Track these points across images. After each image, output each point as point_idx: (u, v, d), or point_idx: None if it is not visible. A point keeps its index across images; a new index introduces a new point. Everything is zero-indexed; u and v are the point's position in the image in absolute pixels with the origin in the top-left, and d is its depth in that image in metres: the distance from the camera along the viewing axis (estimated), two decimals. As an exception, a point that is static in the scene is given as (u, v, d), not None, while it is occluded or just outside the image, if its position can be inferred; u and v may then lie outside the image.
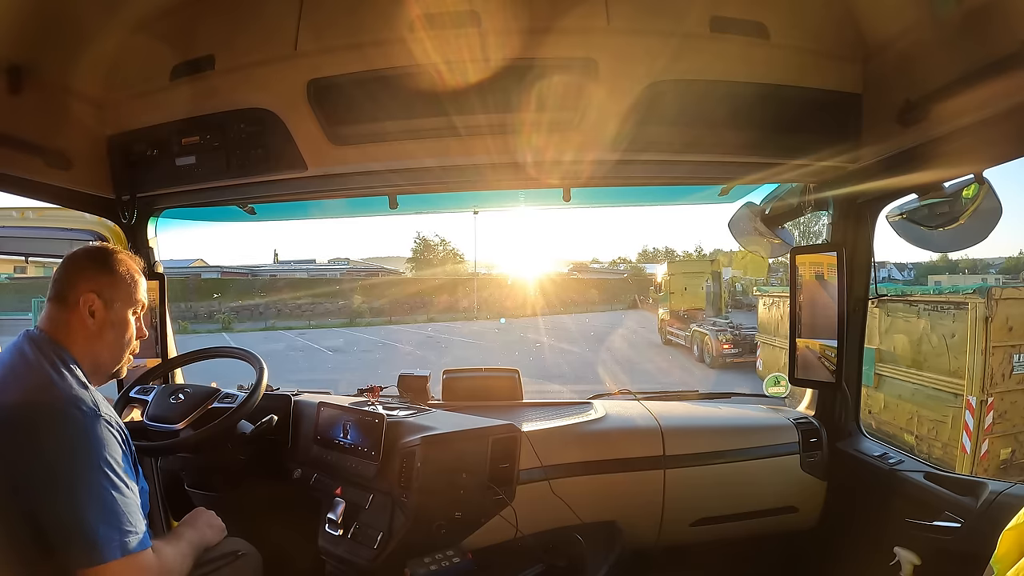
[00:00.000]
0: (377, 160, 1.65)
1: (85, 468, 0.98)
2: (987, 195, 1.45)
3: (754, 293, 12.60)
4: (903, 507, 1.63)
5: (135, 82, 1.62)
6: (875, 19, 1.42)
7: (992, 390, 5.39)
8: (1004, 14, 1.11)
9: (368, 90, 1.54)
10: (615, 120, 1.53)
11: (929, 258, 33.06)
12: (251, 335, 19.15)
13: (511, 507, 1.65)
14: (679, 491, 1.88)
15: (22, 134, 1.43)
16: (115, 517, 0.98)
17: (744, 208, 2.11)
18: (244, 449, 1.66)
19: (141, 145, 1.70)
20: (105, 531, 0.96)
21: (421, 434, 1.59)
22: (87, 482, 0.97)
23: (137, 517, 1.02)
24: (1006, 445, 5.55)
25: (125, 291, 1.18)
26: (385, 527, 1.55)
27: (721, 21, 1.46)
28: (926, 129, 1.38)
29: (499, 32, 1.44)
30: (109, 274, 1.16)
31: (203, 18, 1.53)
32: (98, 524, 0.96)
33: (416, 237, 36.64)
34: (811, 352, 1.88)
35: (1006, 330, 5.41)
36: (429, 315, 25.22)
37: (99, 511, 0.97)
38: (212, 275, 27.14)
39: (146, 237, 2.07)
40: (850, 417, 2.01)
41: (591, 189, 2.07)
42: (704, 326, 13.33)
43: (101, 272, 1.16)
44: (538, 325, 20.43)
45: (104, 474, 0.99)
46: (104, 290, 1.14)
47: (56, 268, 1.16)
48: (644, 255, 46.92)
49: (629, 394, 2.24)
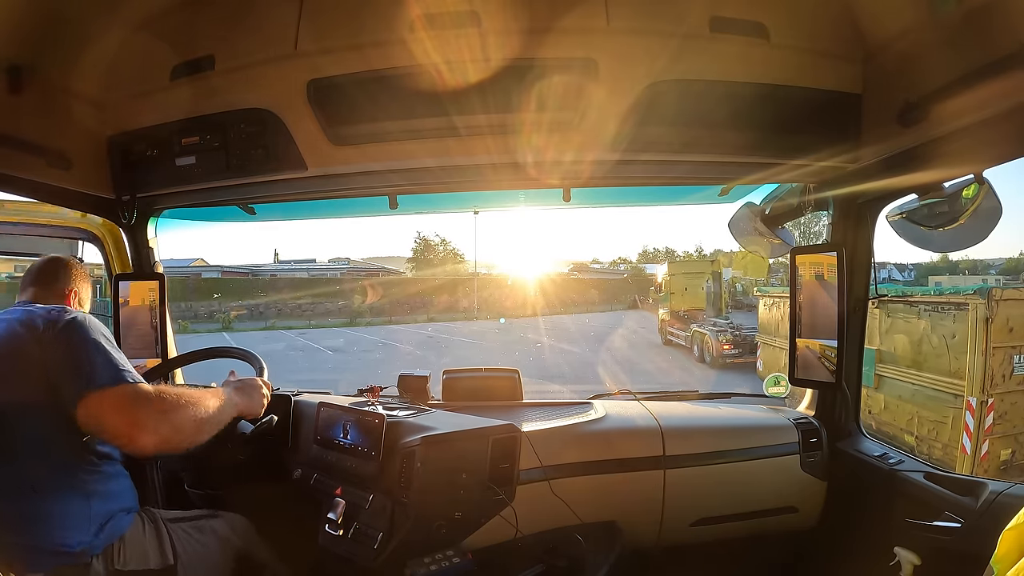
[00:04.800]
0: (377, 160, 1.65)
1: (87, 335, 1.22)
2: (987, 195, 1.45)
3: (754, 293, 12.60)
4: (903, 507, 1.63)
5: (135, 82, 1.62)
6: (875, 19, 1.42)
7: (992, 391, 5.39)
8: (1004, 14, 1.11)
9: (368, 90, 1.54)
10: (615, 120, 1.53)
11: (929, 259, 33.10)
12: (251, 335, 19.15)
13: (511, 507, 1.65)
14: (679, 491, 1.88)
15: (22, 134, 1.43)
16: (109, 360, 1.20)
17: (744, 208, 2.12)
18: (244, 449, 1.66)
19: (141, 145, 1.70)
20: (101, 367, 1.18)
21: (421, 434, 1.59)
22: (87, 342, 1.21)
23: (128, 364, 1.24)
24: (1006, 446, 5.54)
25: (88, 296, 1.58)
26: (385, 527, 1.55)
27: (721, 21, 1.46)
28: (926, 129, 1.38)
29: (499, 32, 1.44)
30: (85, 281, 1.56)
31: (203, 18, 1.54)
32: (95, 363, 1.18)
33: (416, 237, 36.72)
34: (811, 352, 1.88)
35: (1006, 331, 5.41)
36: (429, 315, 25.22)
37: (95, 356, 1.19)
38: (212, 275, 27.13)
39: (146, 237, 2.08)
40: (850, 417, 2.01)
41: (591, 189, 2.07)
42: (704, 326, 13.32)
43: (82, 280, 1.55)
44: (538, 325, 20.43)
45: (99, 339, 1.23)
46: (82, 293, 1.55)
47: (42, 262, 1.50)
48: (644, 255, 46.95)
49: (629, 394, 2.24)
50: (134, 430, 1.14)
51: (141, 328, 2.04)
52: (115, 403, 1.15)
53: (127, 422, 1.15)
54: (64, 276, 1.49)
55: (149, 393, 1.18)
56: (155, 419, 1.17)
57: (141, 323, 2.04)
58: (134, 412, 1.15)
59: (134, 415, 1.15)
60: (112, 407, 1.15)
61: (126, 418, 1.15)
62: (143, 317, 2.04)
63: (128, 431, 1.15)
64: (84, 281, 1.55)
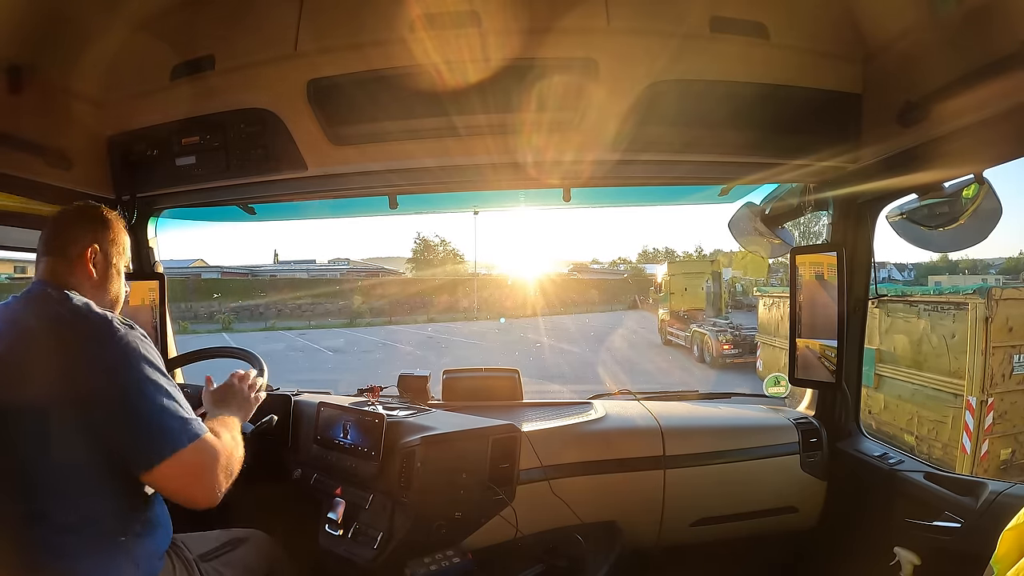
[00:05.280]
0: (377, 160, 1.65)
1: (140, 374, 1.03)
2: (987, 195, 1.45)
3: (754, 293, 12.59)
4: (903, 507, 1.62)
5: (135, 82, 1.62)
6: (875, 19, 1.42)
7: (992, 390, 5.38)
8: (1004, 14, 1.11)
9: (368, 90, 1.54)
10: (615, 120, 1.53)
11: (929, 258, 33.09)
12: (251, 335, 19.14)
13: (511, 507, 1.65)
14: (679, 491, 1.88)
15: (22, 134, 1.43)
16: (175, 411, 1.04)
17: (744, 208, 2.12)
18: (244, 449, 1.66)
19: (141, 145, 1.70)
20: (171, 423, 1.02)
21: (421, 434, 1.59)
22: (145, 385, 1.03)
23: (188, 408, 1.08)
24: (1006, 445, 5.54)
25: (121, 245, 1.26)
26: (385, 527, 1.55)
27: (721, 21, 1.46)
28: (926, 129, 1.38)
29: (499, 32, 1.44)
30: (107, 229, 1.24)
31: (203, 18, 1.54)
32: (163, 419, 1.02)
33: (416, 237, 36.72)
34: (811, 352, 1.88)
35: (1006, 330, 5.40)
36: (429, 315, 25.22)
37: (161, 408, 1.03)
38: (212, 275, 27.14)
39: (146, 237, 2.08)
40: (850, 417, 2.01)
41: (591, 189, 2.07)
42: (704, 326, 13.31)
43: (101, 228, 1.23)
44: (538, 325, 20.42)
45: (155, 377, 1.05)
46: (104, 244, 1.22)
47: (47, 227, 1.20)
48: (644, 255, 46.99)
49: (629, 394, 2.24)
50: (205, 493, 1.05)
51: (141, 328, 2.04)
52: (192, 467, 1.03)
53: (201, 486, 1.04)
54: (71, 233, 1.18)
55: (216, 446, 1.08)
56: (223, 476, 1.08)
57: (141, 323, 2.00)
58: (210, 474, 1.05)
59: (210, 477, 1.05)
60: (189, 471, 1.03)
61: (201, 483, 1.04)
62: (143, 317, 2.04)
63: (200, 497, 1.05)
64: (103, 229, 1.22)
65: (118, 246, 1.26)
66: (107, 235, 1.23)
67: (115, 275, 1.25)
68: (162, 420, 1.02)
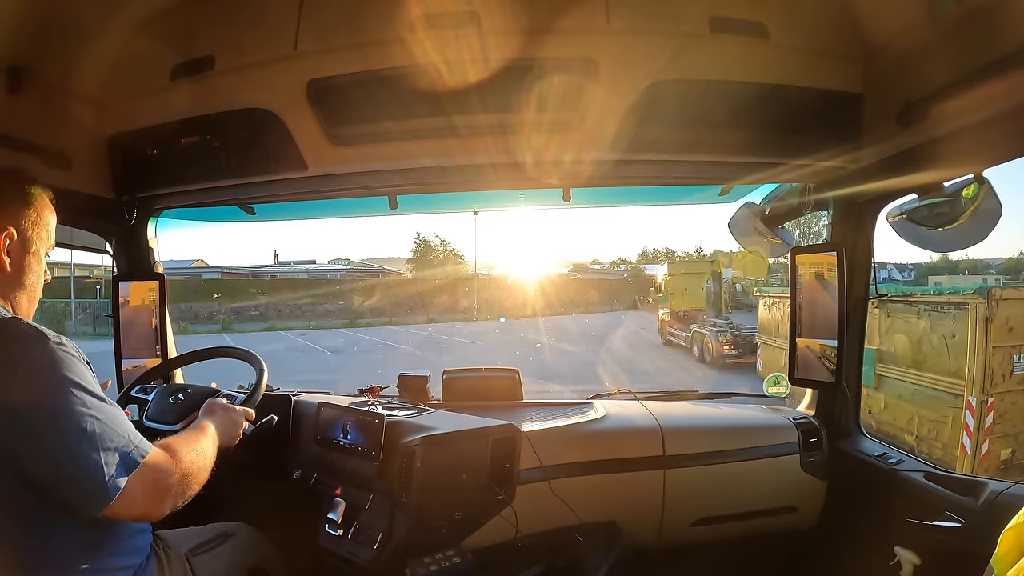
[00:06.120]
0: (377, 160, 1.65)
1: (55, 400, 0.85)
2: (987, 195, 1.45)
3: (754, 294, 12.60)
4: (903, 507, 1.62)
5: (135, 82, 1.62)
6: (875, 19, 1.42)
7: (992, 390, 5.38)
8: (1004, 14, 1.11)
9: (368, 90, 1.54)
10: (615, 120, 1.53)
11: (929, 258, 33.10)
12: (251, 335, 19.14)
13: (511, 507, 1.65)
14: (679, 491, 1.88)
15: (22, 134, 1.43)
16: (105, 438, 0.87)
17: (744, 208, 2.12)
18: (244, 449, 1.66)
19: (141, 145, 1.70)
20: (103, 457, 0.86)
21: (421, 434, 1.59)
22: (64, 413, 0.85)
23: (125, 426, 0.92)
24: (1006, 445, 5.54)
25: (46, 229, 1.01)
26: (385, 527, 1.55)
27: (721, 21, 1.46)
28: (926, 129, 1.38)
29: (499, 32, 1.44)
30: (27, 207, 0.96)
31: (203, 18, 1.53)
32: (91, 453, 0.85)
33: (416, 238, 36.70)
34: (811, 352, 1.88)
35: (1006, 330, 5.40)
36: (429, 316, 25.21)
37: (86, 438, 0.85)
38: (212, 275, 27.14)
39: (146, 237, 2.07)
40: (850, 417, 2.01)
41: (591, 189, 2.07)
42: (704, 327, 13.31)
43: (23, 204, 0.96)
44: (538, 326, 20.40)
45: (76, 397, 0.87)
46: (22, 225, 0.95)
47: None
48: (644, 256, 46.93)
49: (629, 394, 2.24)
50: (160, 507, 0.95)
51: (141, 328, 2.05)
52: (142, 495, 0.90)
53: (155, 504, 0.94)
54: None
55: (167, 463, 0.96)
56: (178, 484, 0.97)
57: (141, 323, 2.05)
58: (163, 493, 0.94)
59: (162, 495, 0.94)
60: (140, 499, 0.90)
61: (154, 502, 0.93)
62: (143, 317, 2.05)
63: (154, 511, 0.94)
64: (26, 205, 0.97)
65: (41, 228, 1.00)
66: (27, 213, 0.97)
67: (33, 264, 1.00)
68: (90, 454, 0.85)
